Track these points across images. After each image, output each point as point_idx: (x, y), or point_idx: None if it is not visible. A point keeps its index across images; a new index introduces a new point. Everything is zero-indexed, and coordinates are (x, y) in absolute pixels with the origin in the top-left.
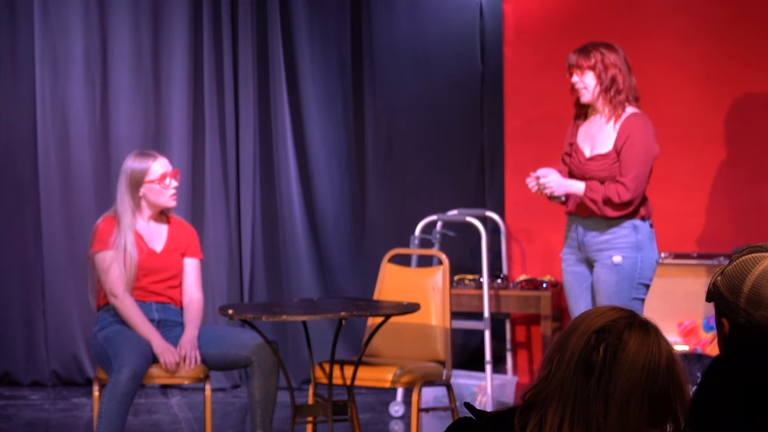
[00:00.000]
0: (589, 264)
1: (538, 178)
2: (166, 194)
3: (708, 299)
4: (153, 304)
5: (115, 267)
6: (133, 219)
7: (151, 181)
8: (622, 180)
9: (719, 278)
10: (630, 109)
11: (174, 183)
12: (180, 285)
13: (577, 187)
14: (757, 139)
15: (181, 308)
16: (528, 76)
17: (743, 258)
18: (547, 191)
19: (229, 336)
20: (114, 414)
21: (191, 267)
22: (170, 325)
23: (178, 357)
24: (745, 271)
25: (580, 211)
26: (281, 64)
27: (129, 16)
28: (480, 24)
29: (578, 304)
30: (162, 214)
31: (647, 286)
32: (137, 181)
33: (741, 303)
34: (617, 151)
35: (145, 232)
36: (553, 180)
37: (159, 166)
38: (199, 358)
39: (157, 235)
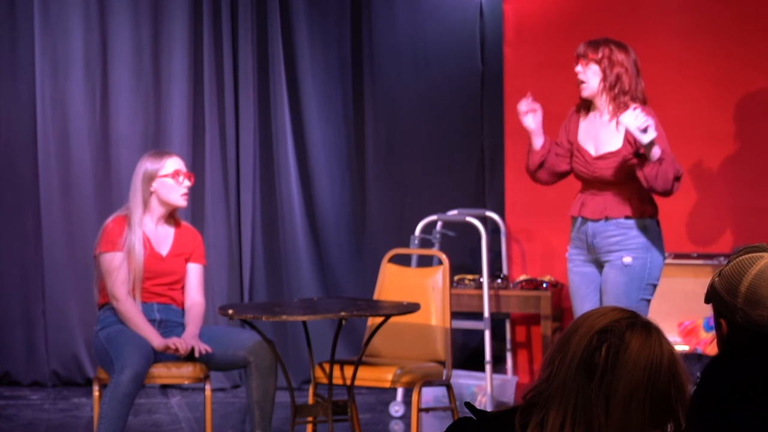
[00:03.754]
0: (599, 265)
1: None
2: (178, 191)
3: (707, 300)
4: (155, 305)
5: (121, 270)
6: (142, 216)
7: (165, 176)
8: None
9: (717, 279)
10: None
11: (187, 183)
12: (182, 288)
13: (656, 149)
14: (758, 139)
15: (183, 310)
16: (528, 76)
17: (740, 258)
18: (648, 123)
19: (227, 336)
20: (115, 415)
21: (194, 272)
22: (171, 326)
23: (186, 344)
24: (742, 272)
25: (591, 214)
26: (281, 64)
27: (129, 16)
28: (480, 24)
29: (584, 305)
30: (171, 218)
31: (655, 287)
32: (151, 175)
33: (738, 303)
34: (634, 147)
35: (153, 234)
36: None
37: (173, 162)
38: (210, 348)
39: (164, 239)
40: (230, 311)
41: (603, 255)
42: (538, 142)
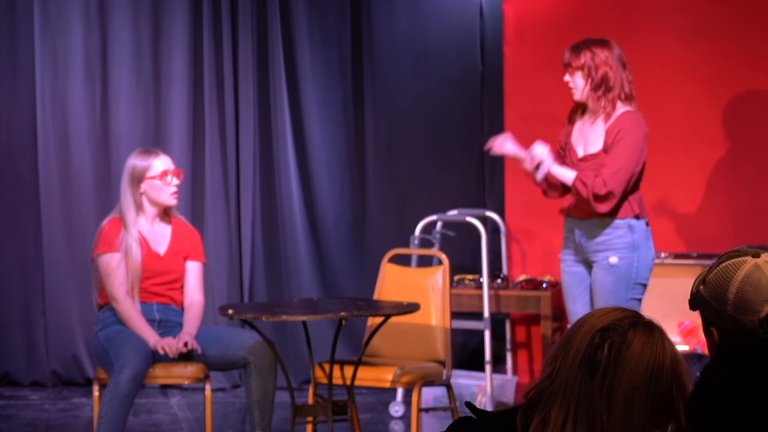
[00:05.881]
0: (588, 265)
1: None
2: (167, 191)
3: (692, 308)
4: (154, 305)
5: (119, 271)
6: (136, 217)
7: (152, 177)
8: (603, 172)
9: (702, 287)
10: (622, 108)
11: (176, 181)
12: (181, 287)
13: (568, 173)
14: (757, 139)
15: (182, 309)
16: (528, 76)
17: (723, 265)
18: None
19: (227, 336)
20: (114, 415)
21: (193, 270)
22: (171, 325)
23: (178, 344)
24: (728, 278)
25: (577, 213)
26: (281, 64)
27: (129, 16)
28: (480, 24)
29: (576, 305)
30: (166, 215)
31: (644, 286)
32: (138, 177)
33: (728, 310)
34: (606, 149)
35: (149, 234)
36: (543, 153)
37: (161, 162)
38: (199, 348)
39: (161, 237)
40: (230, 311)
41: (591, 255)
42: (530, 168)
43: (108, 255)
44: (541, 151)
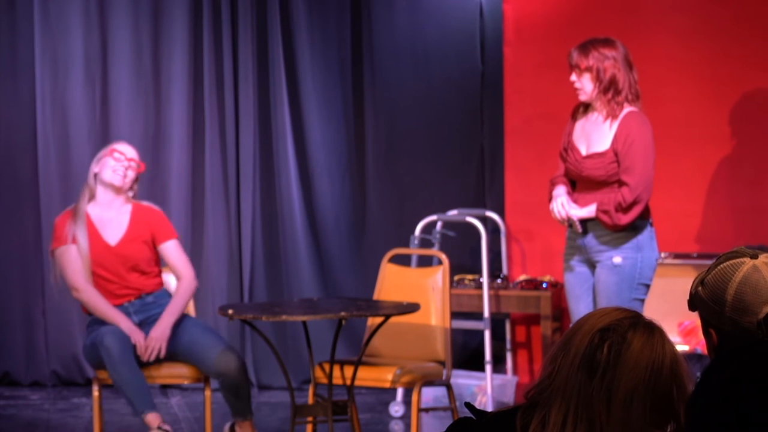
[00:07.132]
0: (591, 265)
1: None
2: (111, 166)
3: (691, 309)
4: (129, 306)
5: (74, 261)
6: (87, 205)
7: (103, 156)
8: (625, 180)
9: (700, 288)
10: (628, 108)
11: (125, 163)
12: (148, 273)
13: (588, 210)
14: (757, 139)
15: (159, 292)
16: (528, 76)
17: (722, 266)
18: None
19: (198, 348)
20: (125, 373)
21: (170, 249)
22: (152, 322)
23: (145, 344)
24: (726, 280)
25: None
26: (281, 64)
27: (129, 16)
28: (480, 24)
29: (578, 305)
30: (124, 201)
31: (647, 286)
32: (97, 159)
33: (726, 312)
34: (615, 151)
35: (100, 222)
36: (561, 203)
37: (116, 145)
38: (163, 352)
39: (116, 225)
40: (230, 311)
41: (594, 255)
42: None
43: (60, 249)
44: (559, 211)
